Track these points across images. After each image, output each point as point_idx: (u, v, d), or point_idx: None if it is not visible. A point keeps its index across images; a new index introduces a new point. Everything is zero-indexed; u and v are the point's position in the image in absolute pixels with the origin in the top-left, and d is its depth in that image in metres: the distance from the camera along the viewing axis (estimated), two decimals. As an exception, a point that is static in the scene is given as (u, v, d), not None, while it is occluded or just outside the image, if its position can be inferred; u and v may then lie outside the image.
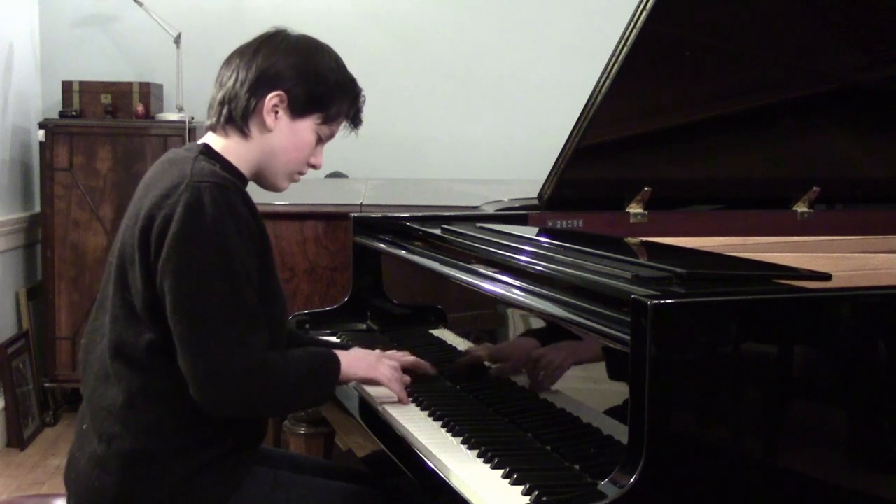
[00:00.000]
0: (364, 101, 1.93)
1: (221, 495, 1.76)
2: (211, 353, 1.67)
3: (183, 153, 1.83)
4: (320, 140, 1.90)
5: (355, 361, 1.93)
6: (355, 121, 1.93)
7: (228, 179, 1.75)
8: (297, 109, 1.84)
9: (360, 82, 1.92)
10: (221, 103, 1.84)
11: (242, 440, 1.82)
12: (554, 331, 1.74)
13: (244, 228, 1.72)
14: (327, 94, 1.86)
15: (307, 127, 1.86)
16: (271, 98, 1.82)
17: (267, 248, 1.81)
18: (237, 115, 1.83)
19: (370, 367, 1.95)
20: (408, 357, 2.07)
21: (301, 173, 1.92)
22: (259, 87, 1.82)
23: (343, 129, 1.93)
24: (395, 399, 1.95)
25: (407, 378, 2.00)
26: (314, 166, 1.91)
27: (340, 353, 1.91)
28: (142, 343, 1.73)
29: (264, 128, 1.83)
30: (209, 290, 1.68)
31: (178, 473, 1.73)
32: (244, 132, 1.84)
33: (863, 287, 1.68)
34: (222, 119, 1.84)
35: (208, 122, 1.88)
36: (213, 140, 1.86)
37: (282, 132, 1.84)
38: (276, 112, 1.83)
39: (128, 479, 1.72)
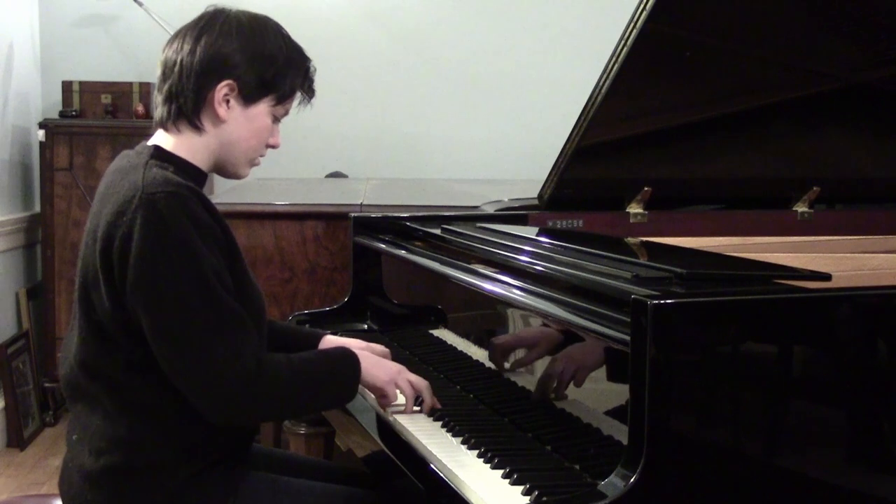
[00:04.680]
0: (314, 70, 1.84)
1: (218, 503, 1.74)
2: (203, 369, 1.62)
3: (134, 159, 1.74)
4: (276, 119, 1.80)
5: (375, 368, 1.84)
6: (309, 92, 1.84)
7: (182, 185, 1.66)
8: (250, 96, 1.74)
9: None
10: (168, 98, 1.75)
11: (231, 446, 1.78)
12: (567, 335, 1.74)
13: (207, 233, 1.65)
14: (278, 74, 1.76)
15: (262, 112, 1.76)
16: (220, 88, 1.72)
17: (234, 248, 1.73)
18: (187, 110, 1.73)
19: (390, 381, 1.85)
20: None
21: (261, 156, 1.84)
22: (205, 78, 1.72)
23: (299, 103, 1.84)
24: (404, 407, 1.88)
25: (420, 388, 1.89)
26: (273, 146, 1.83)
27: (360, 354, 1.82)
28: (116, 362, 1.68)
29: (217, 120, 1.74)
30: (186, 305, 1.61)
31: (169, 486, 1.69)
32: (197, 127, 1.74)
33: (863, 287, 1.68)
34: (172, 115, 1.75)
35: (157, 118, 1.78)
36: (164, 138, 1.77)
37: (237, 122, 1.75)
38: (228, 102, 1.73)
39: (119, 493, 1.70)
